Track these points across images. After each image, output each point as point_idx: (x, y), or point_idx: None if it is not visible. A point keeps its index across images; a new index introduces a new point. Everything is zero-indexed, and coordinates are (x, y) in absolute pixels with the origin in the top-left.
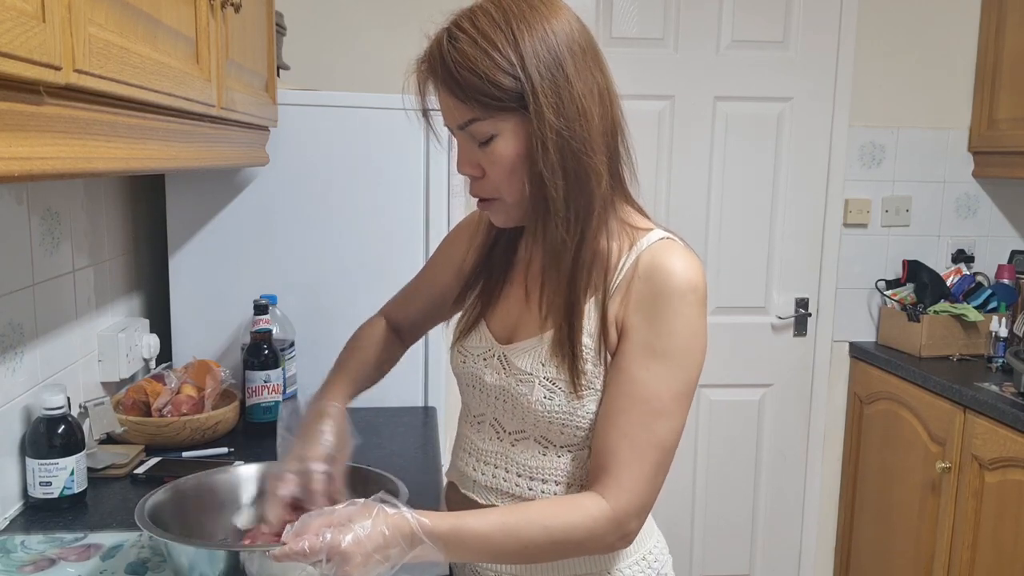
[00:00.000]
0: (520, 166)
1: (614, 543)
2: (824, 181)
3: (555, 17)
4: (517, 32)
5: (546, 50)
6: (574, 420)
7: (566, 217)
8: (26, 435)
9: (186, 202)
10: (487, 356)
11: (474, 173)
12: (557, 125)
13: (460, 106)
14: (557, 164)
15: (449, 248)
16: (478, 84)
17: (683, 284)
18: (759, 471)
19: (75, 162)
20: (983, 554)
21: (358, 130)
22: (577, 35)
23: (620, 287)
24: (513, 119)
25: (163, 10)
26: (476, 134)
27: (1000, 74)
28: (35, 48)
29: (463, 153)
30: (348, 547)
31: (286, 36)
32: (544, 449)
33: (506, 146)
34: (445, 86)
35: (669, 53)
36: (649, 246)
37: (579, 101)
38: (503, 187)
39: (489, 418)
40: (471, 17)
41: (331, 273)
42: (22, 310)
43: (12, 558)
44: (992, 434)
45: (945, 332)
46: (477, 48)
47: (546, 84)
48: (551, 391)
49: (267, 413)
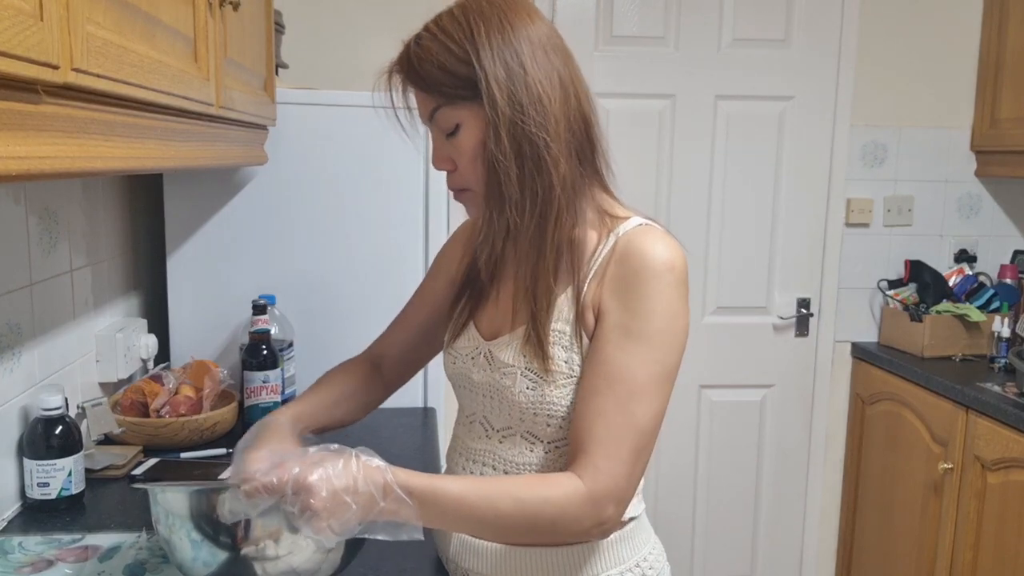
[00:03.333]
0: (481, 154)
1: (589, 529)
2: (826, 180)
3: (514, 12)
4: (474, 25)
5: (501, 39)
6: (558, 411)
7: (520, 202)
8: (24, 436)
9: (184, 201)
10: (474, 355)
11: (447, 167)
12: (509, 111)
13: (425, 97)
14: (509, 149)
15: (442, 261)
16: (436, 75)
17: (659, 264)
18: (760, 472)
19: (73, 161)
20: (985, 555)
21: (358, 129)
22: (537, 27)
23: (597, 273)
24: (471, 108)
25: (161, 9)
26: (442, 125)
27: (1002, 73)
28: (33, 47)
29: (436, 148)
30: (314, 481)
31: (285, 35)
32: (531, 445)
33: (468, 136)
34: (412, 81)
35: (670, 52)
36: (627, 232)
37: (535, 87)
38: (470, 177)
39: (479, 416)
40: (437, 18)
41: (330, 273)
42: (20, 310)
43: (10, 559)
44: (994, 435)
45: (947, 332)
46: (436, 42)
47: (499, 71)
48: (534, 381)
49: (266, 414)
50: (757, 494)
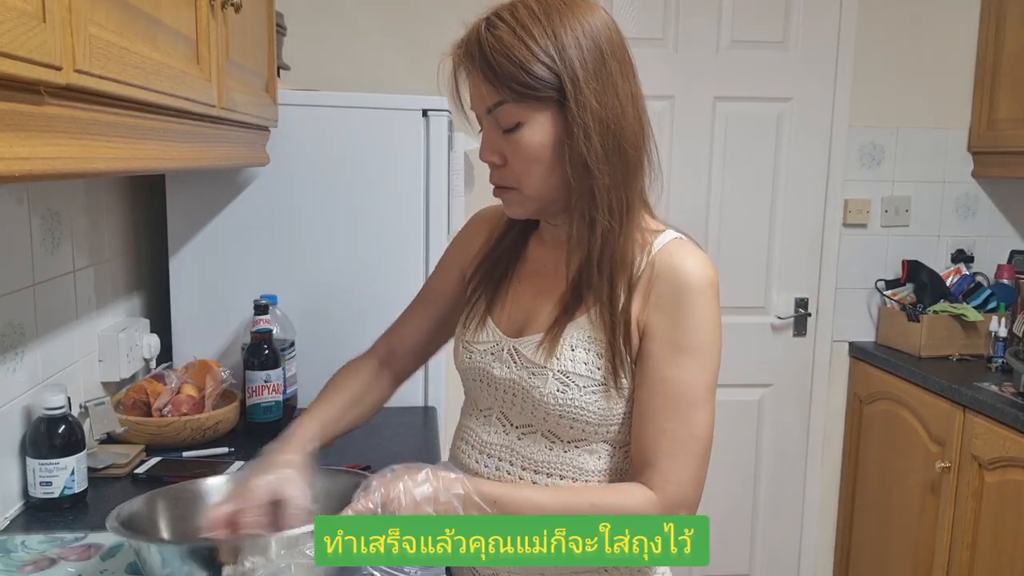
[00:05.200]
0: (545, 156)
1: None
2: (824, 181)
3: (593, 16)
4: (557, 26)
5: (589, 42)
6: (584, 415)
7: (610, 206)
8: (26, 435)
9: (186, 202)
10: (495, 350)
11: (495, 161)
12: (602, 114)
13: (492, 90)
14: (601, 152)
15: (454, 255)
16: (512, 71)
17: (702, 280)
18: (758, 471)
19: (75, 162)
20: (982, 554)
21: (358, 130)
22: (614, 35)
23: (639, 288)
24: (541, 109)
25: (163, 10)
26: (502, 120)
27: (1000, 74)
28: (35, 48)
29: (487, 140)
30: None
31: (286, 36)
32: (551, 444)
33: (532, 135)
34: (480, 70)
35: (669, 53)
36: (663, 247)
37: (620, 96)
38: (523, 176)
39: (496, 411)
40: (511, 8)
41: (331, 273)
42: (22, 310)
43: (12, 558)
44: (992, 434)
45: (945, 332)
46: (515, 37)
47: (590, 74)
48: (565, 384)
49: (267, 413)
50: (755, 493)
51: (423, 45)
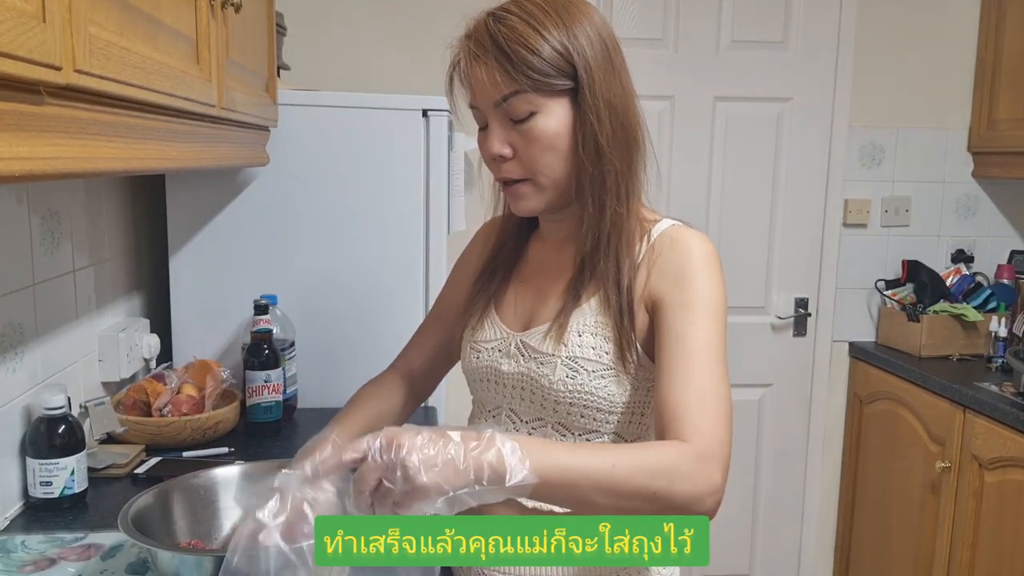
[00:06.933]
0: (559, 144)
1: (703, 494)
2: (824, 181)
3: (593, 13)
4: (567, 18)
5: (596, 35)
6: (593, 402)
7: (619, 190)
8: (26, 435)
9: (186, 202)
10: (503, 346)
11: (505, 153)
12: (613, 102)
13: (508, 79)
14: (612, 138)
15: (461, 270)
16: (529, 59)
17: (705, 252)
18: (759, 471)
19: (75, 162)
20: (983, 554)
21: (358, 130)
22: (612, 33)
23: (642, 270)
24: (555, 96)
25: (163, 10)
26: (514, 110)
27: (999, 74)
28: (35, 48)
29: (495, 132)
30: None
31: (286, 36)
32: (561, 438)
33: (548, 123)
34: (495, 59)
35: (669, 53)
36: (663, 231)
37: (625, 86)
38: (537, 165)
39: (505, 409)
40: (516, 3)
41: (331, 273)
42: (22, 310)
43: (12, 558)
44: (992, 434)
45: (945, 332)
46: (528, 27)
47: (600, 64)
48: (574, 370)
49: (267, 413)
50: (755, 493)
51: (423, 45)
